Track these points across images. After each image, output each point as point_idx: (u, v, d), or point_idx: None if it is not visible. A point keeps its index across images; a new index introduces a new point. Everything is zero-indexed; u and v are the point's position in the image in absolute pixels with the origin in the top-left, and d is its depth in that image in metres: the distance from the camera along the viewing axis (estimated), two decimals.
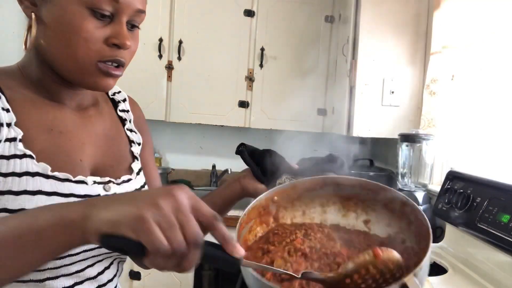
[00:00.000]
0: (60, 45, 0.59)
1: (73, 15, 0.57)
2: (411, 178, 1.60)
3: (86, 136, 0.67)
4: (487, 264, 1.13)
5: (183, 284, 1.99)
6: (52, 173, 0.58)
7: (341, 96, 2.01)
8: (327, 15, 2.32)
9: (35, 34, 0.59)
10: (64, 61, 0.60)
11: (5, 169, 0.55)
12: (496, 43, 1.41)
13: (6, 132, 0.56)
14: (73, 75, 0.61)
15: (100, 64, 0.60)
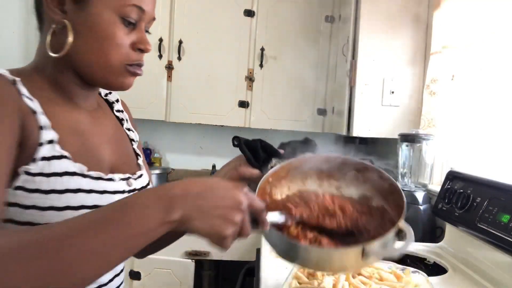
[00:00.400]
0: (93, 49, 0.64)
1: (107, 23, 0.63)
2: (411, 178, 1.60)
3: (101, 136, 0.72)
4: (487, 264, 1.13)
5: (183, 284, 1.99)
6: (87, 172, 0.63)
7: (341, 96, 2.01)
8: (327, 15, 2.32)
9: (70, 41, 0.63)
10: (95, 63, 0.65)
11: (47, 169, 0.58)
12: (496, 43, 1.41)
13: (45, 135, 0.59)
14: (102, 76, 0.66)
15: (127, 66, 0.66)
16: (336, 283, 0.80)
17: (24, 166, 0.57)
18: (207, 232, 0.51)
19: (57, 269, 0.44)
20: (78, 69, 0.66)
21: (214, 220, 0.51)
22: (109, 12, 0.63)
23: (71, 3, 0.63)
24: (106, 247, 0.46)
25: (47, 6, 0.63)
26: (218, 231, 0.51)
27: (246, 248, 2.05)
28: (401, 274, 0.87)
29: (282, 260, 0.62)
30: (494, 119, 1.45)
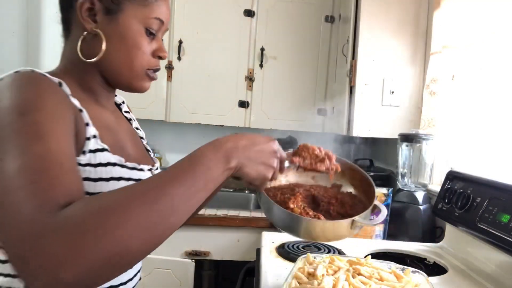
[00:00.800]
0: (121, 55, 0.72)
1: (134, 33, 0.71)
2: (411, 178, 1.60)
3: (123, 132, 0.81)
4: (487, 264, 1.13)
5: (183, 284, 1.99)
6: (125, 163, 0.71)
7: (341, 96, 2.01)
8: (327, 15, 2.32)
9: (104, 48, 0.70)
10: (122, 68, 0.73)
11: (94, 160, 0.66)
12: (496, 43, 1.41)
13: (90, 130, 0.66)
14: (126, 80, 0.75)
15: (148, 71, 0.75)
16: (336, 283, 0.80)
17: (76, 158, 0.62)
18: (254, 177, 0.65)
19: (157, 216, 0.50)
20: (105, 73, 0.74)
21: (259, 166, 0.65)
22: (136, 23, 0.71)
23: (102, 14, 0.70)
24: (189, 194, 0.54)
25: (80, 16, 0.70)
26: (262, 175, 0.66)
27: (246, 248, 2.05)
28: (401, 274, 0.87)
29: (284, 231, 0.82)
30: (494, 119, 1.45)
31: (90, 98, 0.74)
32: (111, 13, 0.70)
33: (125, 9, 0.71)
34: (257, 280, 1.09)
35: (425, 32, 1.86)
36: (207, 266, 2.32)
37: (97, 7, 0.70)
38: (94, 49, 0.70)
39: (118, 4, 0.70)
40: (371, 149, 2.54)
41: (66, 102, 0.63)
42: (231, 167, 0.60)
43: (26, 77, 0.61)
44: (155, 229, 0.50)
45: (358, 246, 1.32)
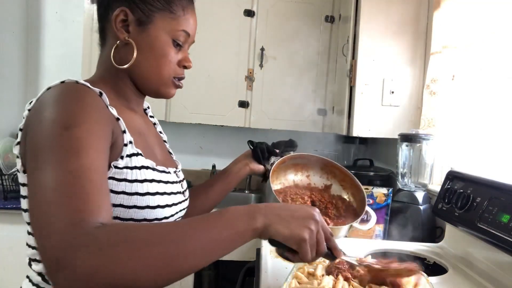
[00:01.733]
0: (150, 63, 0.78)
1: (163, 43, 0.78)
2: (411, 178, 1.60)
3: (152, 137, 0.87)
4: (487, 264, 1.13)
5: (183, 284, 1.99)
6: (156, 167, 0.77)
7: (341, 96, 2.01)
8: (327, 15, 2.32)
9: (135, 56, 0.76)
10: (151, 75, 0.79)
11: (130, 164, 0.72)
12: (496, 43, 1.41)
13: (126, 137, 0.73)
14: (154, 86, 0.81)
15: (174, 79, 0.82)
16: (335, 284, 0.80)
17: (114, 162, 0.70)
18: (286, 235, 0.61)
19: (174, 256, 0.53)
20: (135, 79, 0.80)
21: (292, 224, 0.61)
22: (165, 35, 0.78)
23: (134, 25, 0.76)
24: (209, 243, 0.56)
25: (115, 26, 0.76)
26: (296, 233, 0.61)
27: (246, 248, 2.05)
28: None
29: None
30: (494, 119, 1.45)
31: (123, 104, 0.80)
32: (142, 25, 0.77)
33: (155, 21, 0.77)
34: (257, 280, 1.09)
35: (425, 32, 1.86)
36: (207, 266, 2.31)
37: (130, 19, 0.76)
38: (126, 57, 0.77)
39: (149, 17, 0.77)
40: (371, 149, 2.54)
41: (106, 114, 0.69)
42: (256, 226, 0.60)
43: (70, 89, 0.66)
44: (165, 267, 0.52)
45: (358, 246, 1.32)
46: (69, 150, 0.58)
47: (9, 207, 1.92)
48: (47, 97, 0.66)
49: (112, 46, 0.77)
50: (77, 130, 0.60)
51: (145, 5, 0.76)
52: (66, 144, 0.58)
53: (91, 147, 0.60)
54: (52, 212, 0.52)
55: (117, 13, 0.76)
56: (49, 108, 0.64)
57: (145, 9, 0.77)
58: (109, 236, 0.51)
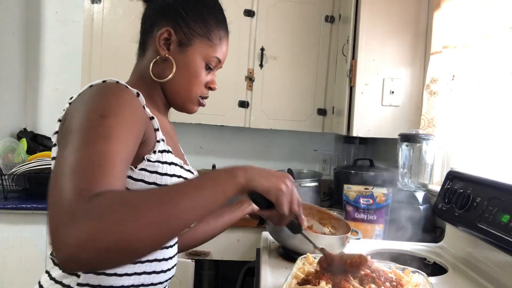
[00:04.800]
0: (183, 81, 0.87)
1: (197, 66, 0.87)
2: (411, 178, 1.60)
3: (175, 139, 0.96)
4: (487, 264, 1.13)
5: (183, 283, 1.99)
6: (183, 165, 0.86)
7: (341, 96, 2.01)
8: (327, 15, 2.32)
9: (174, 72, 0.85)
10: (181, 91, 0.88)
11: (161, 159, 0.79)
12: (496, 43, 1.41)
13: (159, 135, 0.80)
14: (182, 102, 0.90)
15: (199, 98, 0.91)
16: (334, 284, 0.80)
17: (147, 155, 0.77)
18: (267, 186, 0.70)
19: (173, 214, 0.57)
20: (166, 92, 0.89)
21: (271, 179, 0.71)
22: (200, 58, 0.87)
23: (176, 45, 0.85)
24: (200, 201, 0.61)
25: (158, 43, 0.84)
26: (275, 185, 0.71)
27: (246, 248, 2.05)
28: (401, 274, 0.87)
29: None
30: (494, 119, 1.45)
31: (155, 109, 0.88)
32: (182, 46, 0.85)
33: (194, 45, 0.86)
34: (257, 280, 1.09)
35: (425, 32, 1.86)
36: (207, 266, 2.32)
37: (173, 38, 0.85)
38: (164, 71, 0.85)
39: (190, 40, 0.86)
40: (371, 149, 2.54)
41: (140, 112, 0.74)
42: (239, 181, 0.67)
43: (111, 86, 0.73)
44: (161, 227, 0.55)
45: (358, 246, 1.32)
46: (100, 134, 0.63)
47: (9, 207, 1.92)
48: (88, 92, 0.73)
49: (151, 59, 0.86)
50: (112, 120, 0.65)
51: (188, 29, 0.85)
52: (100, 129, 0.63)
53: (121, 137, 0.65)
54: (66, 182, 0.56)
55: (162, 32, 0.84)
56: (90, 99, 0.70)
57: (188, 32, 0.85)
58: (109, 201, 0.53)
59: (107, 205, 0.52)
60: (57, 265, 0.78)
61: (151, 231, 0.54)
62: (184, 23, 0.85)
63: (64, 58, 2.63)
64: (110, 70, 2.25)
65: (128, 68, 0.94)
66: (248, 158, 2.72)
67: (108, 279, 0.74)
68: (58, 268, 0.77)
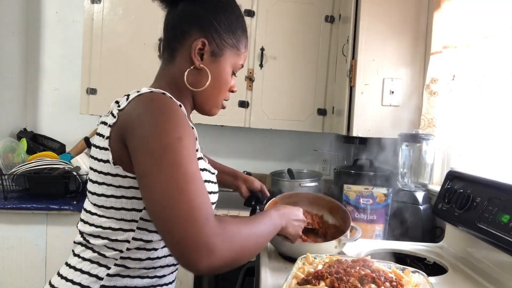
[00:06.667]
0: (214, 89, 0.91)
1: (227, 74, 0.92)
2: (411, 178, 1.60)
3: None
4: (487, 264, 1.13)
5: (183, 283, 1.99)
6: (211, 170, 0.93)
7: (341, 96, 2.01)
8: (327, 15, 2.32)
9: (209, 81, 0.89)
10: (211, 98, 0.92)
11: (200, 166, 0.84)
12: (496, 43, 1.41)
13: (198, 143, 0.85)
14: (208, 106, 0.94)
15: (223, 102, 0.96)
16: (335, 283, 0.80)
17: None
18: (291, 235, 1.04)
19: (260, 242, 0.82)
20: (197, 99, 0.92)
21: (295, 228, 1.03)
22: (229, 67, 0.92)
23: (209, 55, 0.88)
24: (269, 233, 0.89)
25: (193, 53, 0.87)
26: (296, 234, 1.06)
27: None
28: (401, 274, 0.87)
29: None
30: (494, 119, 1.45)
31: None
32: (215, 56, 0.89)
33: (225, 55, 0.90)
34: (257, 280, 1.09)
35: (425, 32, 1.86)
36: None
37: (206, 49, 0.87)
38: (198, 80, 0.89)
39: (222, 50, 0.89)
40: (371, 149, 2.54)
41: (189, 125, 0.79)
42: (282, 225, 0.96)
43: (167, 101, 0.77)
44: (256, 249, 0.80)
45: (358, 246, 1.32)
46: (184, 156, 0.70)
47: (9, 207, 1.92)
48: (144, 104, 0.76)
49: (184, 67, 0.88)
50: (186, 141, 0.72)
51: (220, 40, 0.89)
52: (182, 151, 0.71)
53: (194, 155, 0.74)
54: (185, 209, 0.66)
55: (198, 42, 0.87)
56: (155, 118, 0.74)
57: (220, 43, 0.89)
58: (232, 230, 0.71)
59: (232, 233, 0.70)
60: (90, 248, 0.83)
61: (252, 253, 0.77)
62: (216, 34, 0.88)
63: (64, 58, 2.63)
64: (110, 70, 2.25)
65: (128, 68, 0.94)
66: (248, 158, 2.72)
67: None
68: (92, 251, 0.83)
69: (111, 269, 0.81)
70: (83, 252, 0.83)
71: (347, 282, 0.81)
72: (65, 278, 0.83)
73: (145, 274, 0.84)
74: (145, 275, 0.84)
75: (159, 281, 0.87)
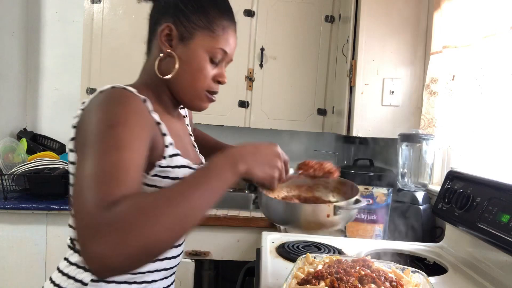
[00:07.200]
0: (186, 76, 0.85)
1: (200, 59, 0.84)
2: (411, 178, 1.60)
3: (186, 137, 0.97)
4: (487, 264, 1.13)
5: (183, 283, 1.99)
6: (191, 165, 0.86)
7: (341, 96, 2.01)
8: (327, 15, 2.32)
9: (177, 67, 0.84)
10: (186, 87, 0.86)
11: (172, 163, 0.81)
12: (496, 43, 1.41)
13: (167, 139, 0.81)
14: (187, 98, 0.88)
15: (207, 93, 0.88)
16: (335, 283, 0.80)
17: (157, 161, 0.79)
18: (262, 177, 0.76)
19: (187, 211, 0.61)
20: (172, 90, 0.87)
21: (265, 167, 0.76)
22: (203, 51, 0.84)
23: (177, 40, 0.84)
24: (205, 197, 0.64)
25: (160, 40, 0.83)
26: (268, 174, 0.77)
27: (246, 248, 2.05)
28: (401, 274, 0.87)
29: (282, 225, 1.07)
30: (494, 119, 1.45)
31: (164, 110, 0.88)
32: (184, 40, 0.84)
33: (196, 38, 0.84)
34: (257, 280, 1.09)
35: (425, 32, 1.86)
36: (207, 266, 2.32)
37: (174, 34, 0.83)
38: (168, 68, 0.84)
39: (191, 33, 0.84)
40: (371, 149, 2.54)
41: (147, 118, 0.76)
42: (239, 171, 0.71)
43: (117, 94, 0.74)
44: (179, 225, 0.60)
45: (358, 246, 1.32)
46: (111, 145, 0.65)
47: (9, 207, 1.92)
48: (97, 99, 0.74)
49: (156, 57, 0.85)
50: (120, 129, 0.67)
51: (188, 22, 0.83)
52: (109, 140, 0.65)
53: (131, 145, 0.67)
54: (86, 196, 0.59)
55: (163, 28, 0.83)
56: (98, 109, 0.72)
57: (188, 26, 0.83)
58: (127, 209, 0.56)
59: (125, 214, 0.56)
60: (77, 252, 0.82)
61: (170, 231, 0.58)
62: (184, 17, 0.83)
63: (64, 58, 2.63)
64: (110, 70, 2.25)
65: (128, 68, 0.94)
66: None
67: None
68: (78, 254, 0.81)
69: None
70: (71, 255, 0.83)
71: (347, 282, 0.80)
72: (54, 282, 0.82)
73: (132, 279, 0.81)
74: (132, 281, 0.81)
75: (149, 286, 0.84)
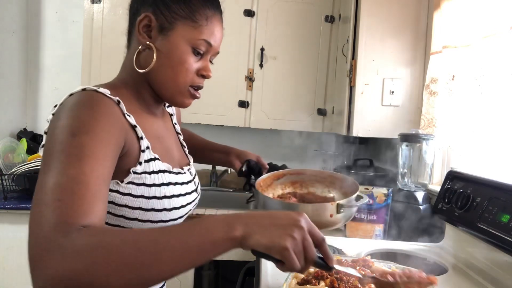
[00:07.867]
0: (167, 70, 0.78)
1: (181, 51, 0.78)
2: (411, 178, 1.60)
3: (169, 137, 0.90)
4: (487, 264, 1.13)
5: (183, 284, 1.99)
6: (172, 170, 0.81)
7: (341, 96, 2.01)
8: (327, 15, 2.32)
9: (155, 60, 0.77)
10: (166, 82, 0.79)
11: (148, 169, 0.75)
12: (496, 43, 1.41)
13: (143, 143, 0.75)
14: (169, 93, 0.81)
15: (190, 88, 0.82)
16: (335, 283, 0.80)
17: (132, 168, 0.73)
18: (266, 244, 0.55)
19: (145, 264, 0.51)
20: (153, 85, 0.81)
21: (273, 233, 0.55)
22: (184, 43, 0.78)
23: (157, 31, 0.77)
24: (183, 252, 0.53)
25: (138, 31, 0.78)
26: (277, 242, 0.54)
27: None
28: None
29: None
30: (494, 119, 1.45)
31: (143, 108, 0.82)
32: (164, 31, 0.77)
33: (177, 29, 0.77)
34: (257, 280, 1.09)
35: (425, 32, 1.86)
36: (207, 266, 2.31)
37: (153, 24, 0.77)
38: (147, 61, 0.78)
39: (171, 24, 0.77)
40: (371, 149, 2.54)
41: (118, 122, 0.70)
42: (234, 235, 0.55)
43: (87, 98, 0.68)
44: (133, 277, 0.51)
45: (358, 246, 1.32)
46: (72, 156, 0.60)
47: (9, 207, 1.92)
48: (67, 104, 0.68)
49: (135, 50, 0.79)
50: (83, 138, 0.61)
51: (169, 12, 0.77)
52: (71, 150, 0.60)
53: (95, 154, 0.61)
54: (42, 212, 0.54)
55: (141, 18, 0.77)
56: (64, 115, 0.66)
57: (169, 16, 0.77)
58: (85, 240, 0.51)
59: (82, 245, 0.51)
60: None
61: (122, 278, 0.50)
62: (164, 6, 0.77)
63: (64, 58, 2.63)
64: (110, 70, 2.24)
65: None
66: None
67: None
68: None
69: None
70: None
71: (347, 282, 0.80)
72: None
73: None
74: None
75: None
